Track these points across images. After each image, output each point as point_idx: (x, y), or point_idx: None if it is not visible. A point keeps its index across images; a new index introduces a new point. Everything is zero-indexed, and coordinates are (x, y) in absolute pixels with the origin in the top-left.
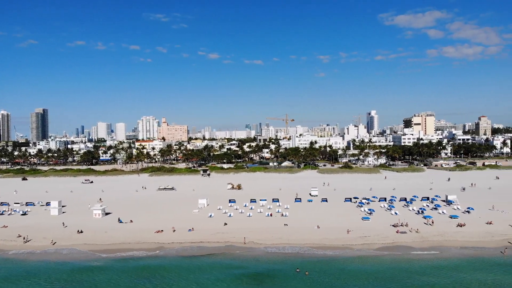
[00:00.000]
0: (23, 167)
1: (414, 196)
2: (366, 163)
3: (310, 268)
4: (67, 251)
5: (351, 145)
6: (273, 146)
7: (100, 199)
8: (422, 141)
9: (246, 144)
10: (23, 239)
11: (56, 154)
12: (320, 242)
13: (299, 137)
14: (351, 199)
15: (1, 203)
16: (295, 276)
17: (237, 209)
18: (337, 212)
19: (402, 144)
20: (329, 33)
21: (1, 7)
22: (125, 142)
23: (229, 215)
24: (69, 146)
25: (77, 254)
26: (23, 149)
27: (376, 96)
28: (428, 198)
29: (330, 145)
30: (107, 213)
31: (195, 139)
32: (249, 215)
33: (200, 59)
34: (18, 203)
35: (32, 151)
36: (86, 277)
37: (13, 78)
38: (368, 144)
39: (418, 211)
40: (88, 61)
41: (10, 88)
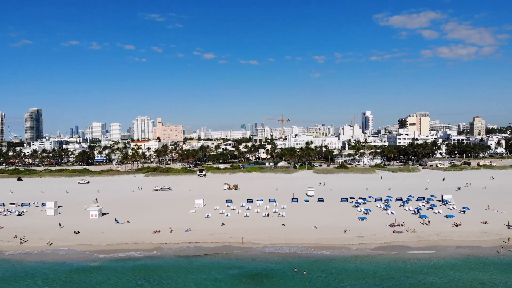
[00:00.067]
0: (18, 167)
1: (410, 196)
2: (361, 163)
3: (307, 267)
4: (64, 251)
5: (347, 145)
6: (269, 146)
7: (96, 199)
8: (417, 141)
9: (242, 144)
10: (20, 239)
11: (51, 155)
12: (317, 242)
13: (294, 137)
14: (347, 199)
15: None
16: (293, 275)
17: (234, 209)
18: (334, 212)
19: (397, 144)
20: (324, 33)
21: None
22: (120, 142)
23: (226, 215)
24: (64, 146)
25: (74, 254)
26: (17, 149)
27: (370, 96)
28: (423, 198)
29: (326, 145)
30: (103, 214)
31: (190, 139)
32: (246, 215)
33: (196, 59)
34: (14, 203)
35: (26, 151)
36: (84, 278)
37: (7, 78)
38: (363, 144)
39: (414, 211)
40: (82, 61)
41: (4, 88)
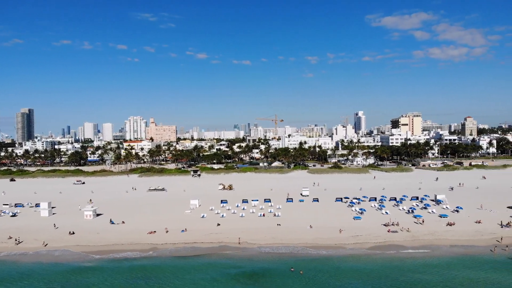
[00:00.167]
0: (10, 168)
1: (403, 196)
2: (355, 163)
3: (304, 267)
4: (59, 252)
5: (340, 145)
6: (263, 147)
7: (90, 200)
8: (410, 142)
9: (236, 145)
10: (15, 240)
11: (43, 155)
12: (313, 242)
13: (288, 137)
14: (341, 199)
15: None
16: (290, 275)
17: (229, 209)
18: (329, 212)
19: (390, 144)
20: (317, 34)
21: None
22: (113, 143)
23: (222, 215)
24: (56, 147)
25: (70, 255)
26: (9, 149)
27: (363, 96)
28: (417, 198)
29: (319, 145)
30: (98, 214)
31: (183, 139)
32: (241, 215)
33: (188, 59)
34: (7, 204)
35: (18, 151)
36: (81, 278)
37: None
38: (356, 145)
39: (408, 211)
40: (74, 60)
41: None
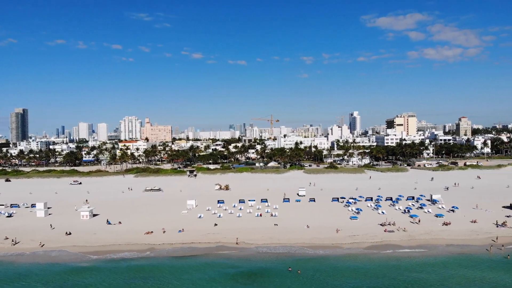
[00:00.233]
0: (4, 168)
1: (399, 196)
2: (350, 163)
3: (302, 266)
4: (56, 253)
5: (335, 145)
6: (259, 147)
7: (86, 200)
8: (405, 142)
9: (232, 145)
10: (12, 241)
11: (38, 155)
12: (311, 242)
13: (284, 137)
14: (338, 198)
15: None
16: (288, 274)
17: (226, 209)
18: (325, 212)
19: (385, 144)
20: (312, 34)
21: None
22: (108, 143)
23: (219, 215)
24: (51, 147)
25: (67, 256)
26: (4, 150)
27: (358, 97)
28: (413, 198)
29: (315, 145)
30: (94, 215)
31: (179, 139)
32: (238, 215)
33: (184, 59)
34: (3, 204)
35: (13, 152)
36: (79, 278)
37: None
38: (352, 145)
39: (404, 210)
40: (68, 60)
41: None
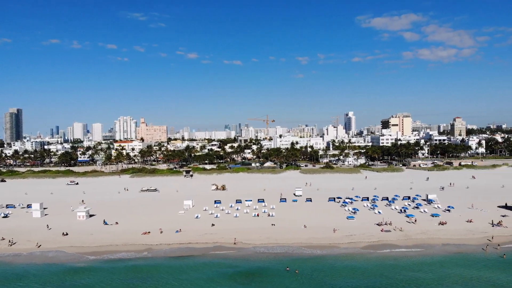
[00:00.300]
0: None
1: (395, 196)
2: (346, 163)
3: (299, 266)
4: (53, 253)
5: (331, 145)
6: (255, 147)
7: (82, 201)
8: (400, 142)
9: (227, 145)
10: (8, 242)
11: (32, 155)
12: (308, 241)
13: (280, 138)
14: (334, 198)
15: None
16: (286, 274)
17: (223, 209)
18: (322, 211)
19: (381, 144)
20: (308, 34)
21: None
22: (103, 143)
23: (216, 216)
24: (45, 147)
25: (64, 256)
26: None
27: (353, 97)
28: (409, 198)
29: (311, 145)
30: (91, 215)
31: (174, 139)
32: (235, 215)
33: (179, 58)
34: None
35: (8, 152)
36: (77, 279)
37: None
38: (347, 145)
39: (400, 210)
40: (63, 60)
41: None
